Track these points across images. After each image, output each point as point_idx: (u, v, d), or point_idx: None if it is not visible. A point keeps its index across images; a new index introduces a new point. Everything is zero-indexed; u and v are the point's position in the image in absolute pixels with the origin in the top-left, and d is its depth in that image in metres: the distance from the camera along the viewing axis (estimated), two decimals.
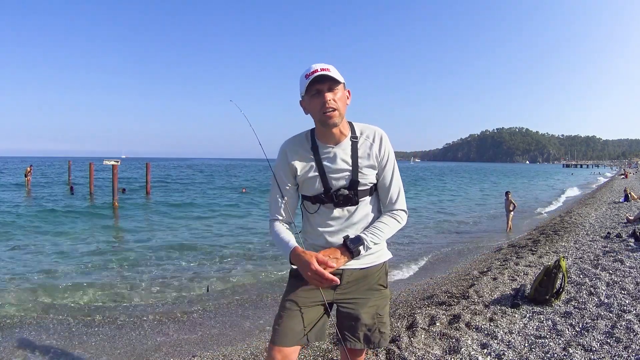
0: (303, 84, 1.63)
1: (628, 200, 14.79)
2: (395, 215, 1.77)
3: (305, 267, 1.58)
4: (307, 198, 1.77)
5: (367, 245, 1.68)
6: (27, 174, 26.76)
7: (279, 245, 1.74)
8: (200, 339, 4.61)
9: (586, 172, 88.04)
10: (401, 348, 3.26)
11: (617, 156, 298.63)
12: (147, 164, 24.48)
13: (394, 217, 1.76)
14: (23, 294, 5.93)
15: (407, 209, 1.81)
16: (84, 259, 8.18)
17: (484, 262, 7.19)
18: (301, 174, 1.73)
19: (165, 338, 4.64)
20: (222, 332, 4.81)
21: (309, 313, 1.72)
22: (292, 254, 1.64)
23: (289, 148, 1.77)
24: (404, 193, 1.81)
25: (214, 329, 4.88)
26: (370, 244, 1.68)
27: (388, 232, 1.73)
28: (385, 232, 1.72)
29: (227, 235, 11.15)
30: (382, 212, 1.81)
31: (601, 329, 3.40)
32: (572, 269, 5.40)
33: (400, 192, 1.79)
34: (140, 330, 4.83)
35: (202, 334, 4.75)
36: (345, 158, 1.70)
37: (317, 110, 1.63)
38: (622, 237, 7.47)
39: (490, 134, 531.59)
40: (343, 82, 1.67)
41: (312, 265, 1.56)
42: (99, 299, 5.87)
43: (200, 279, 6.90)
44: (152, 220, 14.09)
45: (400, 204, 1.78)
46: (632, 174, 44.17)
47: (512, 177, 58.49)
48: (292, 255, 1.64)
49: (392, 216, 1.76)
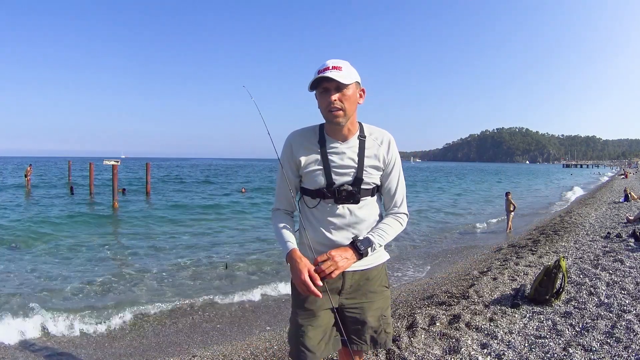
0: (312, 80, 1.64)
1: (628, 200, 14.79)
2: (399, 218, 1.80)
3: (296, 274, 1.62)
4: (307, 192, 1.76)
5: (375, 247, 1.70)
6: (27, 174, 26.74)
7: (278, 240, 1.76)
8: (201, 339, 4.61)
9: (587, 172, 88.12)
10: (401, 348, 3.26)
11: (617, 156, 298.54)
12: (147, 164, 24.49)
13: (397, 220, 1.79)
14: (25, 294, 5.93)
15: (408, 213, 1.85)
16: (84, 260, 8.18)
17: (484, 262, 7.19)
18: (305, 166, 1.73)
19: (165, 338, 4.64)
20: (222, 332, 4.81)
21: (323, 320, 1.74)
22: (288, 255, 1.67)
23: (295, 140, 1.77)
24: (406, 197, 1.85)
25: (214, 329, 4.89)
26: (377, 245, 1.70)
27: (392, 234, 1.76)
28: (390, 234, 1.75)
29: (226, 235, 11.16)
30: (385, 214, 1.83)
31: (601, 329, 3.40)
32: (572, 269, 5.40)
33: (404, 197, 1.83)
34: (140, 331, 4.84)
35: (202, 333, 4.76)
36: (351, 155, 1.71)
37: (323, 107, 1.65)
38: (622, 237, 7.47)
39: (490, 134, 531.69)
40: (355, 81, 1.66)
41: (302, 275, 1.59)
42: (98, 298, 5.86)
43: (200, 278, 6.90)
44: (153, 220, 14.08)
45: (404, 207, 1.82)
46: (632, 174, 44.14)
47: (515, 176, 58.47)
48: (289, 257, 1.67)
49: (395, 218, 1.79)
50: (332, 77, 1.58)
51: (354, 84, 1.65)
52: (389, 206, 1.81)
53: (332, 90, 1.61)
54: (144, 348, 4.38)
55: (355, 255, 1.66)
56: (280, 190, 1.81)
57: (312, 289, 1.57)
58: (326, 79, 1.59)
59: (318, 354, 1.73)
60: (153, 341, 4.56)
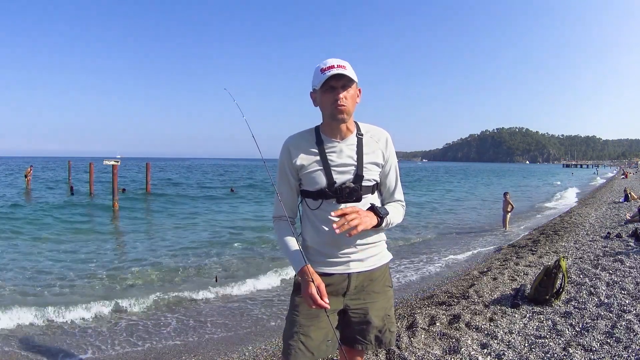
0: (318, 78, 1.63)
1: (628, 200, 14.78)
2: (400, 204, 1.85)
3: (305, 288, 1.64)
4: (309, 194, 1.75)
5: (389, 219, 1.72)
6: (27, 174, 26.74)
7: (287, 256, 1.76)
8: (201, 339, 4.61)
9: (587, 172, 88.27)
10: (401, 348, 3.26)
11: (617, 156, 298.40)
12: (147, 163, 24.55)
13: (399, 205, 1.85)
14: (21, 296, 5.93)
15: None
16: (83, 261, 8.18)
17: (484, 262, 7.19)
18: (305, 168, 1.72)
19: (165, 338, 4.64)
20: (222, 332, 4.81)
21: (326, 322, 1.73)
22: (300, 271, 1.68)
23: (292, 143, 1.76)
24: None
25: (214, 329, 4.88)
26: (390, 219, 1.73)
27: (397, 216, 1.80)
28: (396, 215, 1.78)
29: (226, 236, 11.14)
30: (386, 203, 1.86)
31: (601, 329, 3.40)
32: (572, 269, 5.40)
33: (401, 191, 1.88)
34: (140, 331, 4.83)
35: (202, 334, 4.75)
36: (350, 153, 1.72)
37: (328, 105, 1.65)
38: (622, 237, 7.47)
39: (490, 134, 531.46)
40: (356, 82, 1.67)
41: (309, 289, 1.61)
42: (97, 299, 5.86)
43: (200, 279, 6.90)
44: (153, 220, 14.08)
45: (402, 197, 1.88)
46: (632, 174, 44.14)
47: (515, 177, 58.44)
48: (300, 272, 1.68)
49: (397, 205, 1.84)
50: (344, 73, 1.59)
51: (355, 83, 1.67)
52: (387, 197, 1.85)
53: (339, 87, 1.62)
54: (143, 348, 4.37)
55: (377, 217, 1.66)
56: (280, 196, 1.79)
57: (320, 302, 1.60)
58: (336, 76, 1.60)
59: (317, 354, 1.74)
60: (152, 341, 4.55)
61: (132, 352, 4.30)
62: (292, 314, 1.78)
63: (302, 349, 1.71)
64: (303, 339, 1.72)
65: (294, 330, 1.74)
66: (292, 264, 1.73)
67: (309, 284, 1.62)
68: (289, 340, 1.74)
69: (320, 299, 1.60)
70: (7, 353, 4.20)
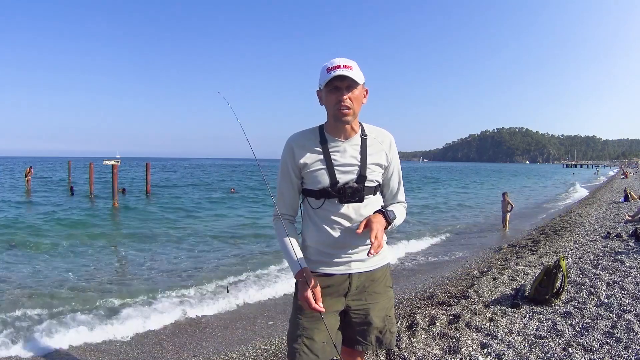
0: (323, 77, 1.63)
1: (628, 200, 14.78)
2: (402, 205, 1.86)
3: (301, 291, 1.66)
4: (311, 193, 1.74)
5: (395, 222, 1.72)
6: (27, 175, 26.75)
7: (286, 256, 1.75)
8: (200, 339, 4.61)
9: (587, 171, 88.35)
10: (401, 348, 3.26)
11: (617, 156, 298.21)
12: (147, 163, 24.53)
13: (402, 205, 1.86)
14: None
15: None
16: (83, 261, 8.18)
17: (484, 262, 7.19)
18: (308, 166, 1.71)
19: (164, 338, 4.64)
20: (222, 332, 4.81)
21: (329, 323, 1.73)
22: (298, 273, 1.68)
23: (295, 141, 1.75)
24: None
25: (214, 329, 4.88)
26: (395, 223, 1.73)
27: (401, 216, 1.80)
28: (400, 216, 1.79)
29: (226, 235, 11.15)
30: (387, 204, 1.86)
31: (601, 329, 3.40)
32: (572, 269, 5.40)
33: (403, 190, 1.90)
34: (140, 331, 4.83)
35: (202, 334, 4.76)
36: (353, 153, 1.71)
37: (332, 105, 1.65)
38: (622, 237, 7.47)
39: (490, 134, 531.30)
40: (362, 82, 1.66)
41: (305, 292, 1.63)
42: (97, 299, 5.86)
43: (200, 279, 6.89)
44: (153, 221, 14.07)
45: (404, 199, 1.90)
46: (632, 174, 44.11)
47: (514, 177, 58.43)
48: (297, 275, 1.68)
49: (400, 205, 1.85)
50: (348, 75, 1.58)
51: (362, 84, 1.67)
52: (390, 198, 1.86)
53: (343, 88, 1.62)
54: (143, 348, 4.38)
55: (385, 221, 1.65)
56: (282, 194, 1.79)
57: (314, 305, 1.61)
58: (340, 77, 1.59)
59: (322, 356, 1.73)
60: (152, 342, 4.55)
61: (132, 351, 4.31)
62: (295, 317, 1.77)
63: (306, 352, 1.70)
64: (307, 341, 1.71)
65: (297, 333, 1.73)
66: (290, 266, 1.73)
67: (304, 287, 1.63)
68: (293, 343, 1.73)
69: (315, 302, 1.61)
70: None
